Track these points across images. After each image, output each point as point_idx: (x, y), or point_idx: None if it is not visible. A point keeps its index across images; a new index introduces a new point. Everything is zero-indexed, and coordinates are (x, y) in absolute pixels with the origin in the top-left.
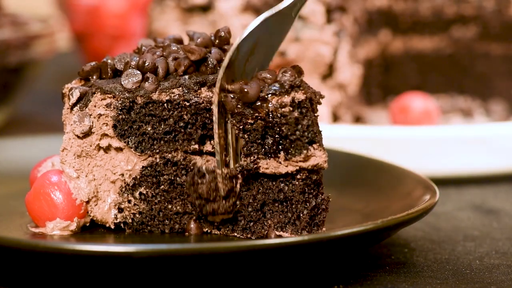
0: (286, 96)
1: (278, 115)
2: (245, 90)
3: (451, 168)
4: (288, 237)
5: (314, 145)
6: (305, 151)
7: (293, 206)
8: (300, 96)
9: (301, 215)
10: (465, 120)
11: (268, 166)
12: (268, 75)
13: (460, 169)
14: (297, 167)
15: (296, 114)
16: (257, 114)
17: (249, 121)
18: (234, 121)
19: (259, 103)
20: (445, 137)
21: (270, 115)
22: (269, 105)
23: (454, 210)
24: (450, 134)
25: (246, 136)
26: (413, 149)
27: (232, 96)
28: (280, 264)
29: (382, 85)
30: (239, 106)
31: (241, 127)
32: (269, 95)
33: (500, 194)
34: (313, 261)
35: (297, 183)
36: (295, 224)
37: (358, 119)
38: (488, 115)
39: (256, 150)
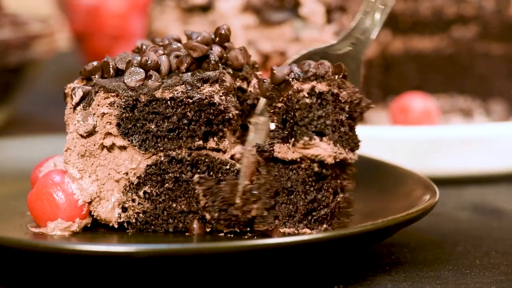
0: (307, 83)
1: (295, 100)
2: (274, 71)
3: (451, 168)
4: (288, 237)
5: (324, 138)
6: (307, 138)
7: (293, 197)
8: (321, 87)
9: (299, 206)
10: (465, 120)
11: (280, 150)
12: (303, 63)
13: (460, 169)
14: (301, 155)
15: (308, 101)
16: (281, 98)
17: (276, 104)
18: (266, 104)
19: (283, 86)
20: (445, 137)
21: (290, 99)
22: (291, 89)
23: (454, 210)
24: (450, 134)
25: (274, 118)
26: (413, 149)
27: (265, 79)
28: (280, 264)
29: (382, 85)
30: (269, 89)
31: (271, 110)
32: (293, 80)
33: (500, 194)
34: (313, 261)
35: (300, 172)
36: (293, 217)
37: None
38: (488, 115)
39: (275, 134)
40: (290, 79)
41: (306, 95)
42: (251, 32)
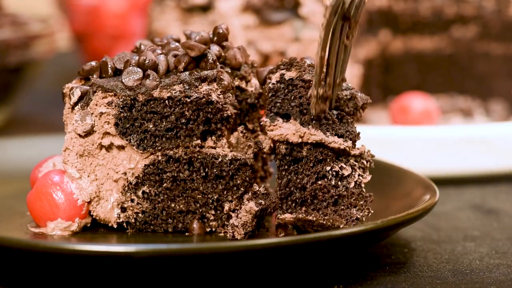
0: (277, 71)
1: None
2: (258, 73)
3: (451, 168)
4: (288, 237)
5: (290, 120)
6: (271, 121)
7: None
8: (290, 74)
9: (278, 190)
10: (465, 120)
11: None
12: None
13: (460, 169)
14: (270, 137)
15: (271, 86)
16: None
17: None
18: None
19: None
20: (445, 137)
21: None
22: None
23: (454, 210)
24: (450, 134)
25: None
26: (413, 149)
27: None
28: (280, 264)
29: (382, 85)
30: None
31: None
32: (268, 74)
33: (500, 194)
34: (313, 261)
35: (276, 156)
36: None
37: (358, 119)
38: (488, 115)
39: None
40: (267, 74)
41: (274, 82)
42: (251, 32)
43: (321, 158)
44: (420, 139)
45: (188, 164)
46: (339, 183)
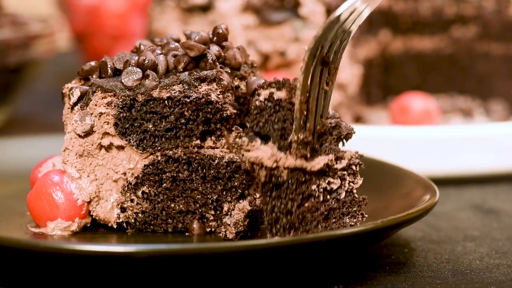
0: (267, 89)
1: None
2: (248, 83)
3: (451, 168)
4: (288, 237)
5: (268, 142)
6: (250, 141)
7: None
8: (280, 94)
9: (265, 216)
10: (465, 120)
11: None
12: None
13: (460, 169)
14: (246, 157)
15: (258, 103)
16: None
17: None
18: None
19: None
20: (445, 137)
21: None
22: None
23: (454, 210)
24: (450, 134)
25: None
26: (413, 149)
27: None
28: (280, 264)
29: (382, 85)
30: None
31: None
32: (258, 88)
33: (500, 194)
34: (313, 261)
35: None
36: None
37: (358, 119)
38: (488, 115)
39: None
40: (257, 87)
41: (262, 99)
42: (251, 32)
43: (303, 179)
44: (420, 139)
45: (187, 164)
46: (328, 197)
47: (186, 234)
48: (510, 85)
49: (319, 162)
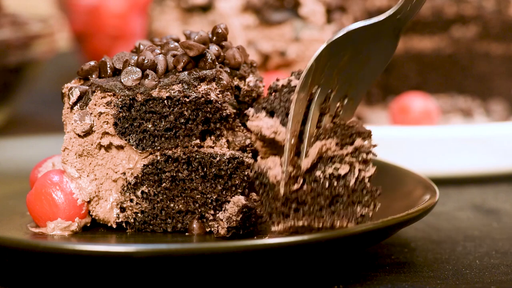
0: (286, 78)
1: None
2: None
3: (451, 168)
4: (288, 237)
5: (273, 116)
6: (253, 111)
7: None
8: (296, 82)
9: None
10: (465, 120)
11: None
12: None
13: (460, 169)
14: (248, 127)
15: (273, 84)
16: None
17: None
18: None
19: None
20: (445, 137)
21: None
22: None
23: (454, 210)
24: (450, 134)
25: None
26: (413, 149)
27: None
28: (280, 264)
29: (382, 85)
30: None
31: None
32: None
33: (500, 194)
34: (313, 261)
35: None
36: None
37: (358, 119)
38: (488, 115)
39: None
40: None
41: (279, 84)
42: (251, 32)
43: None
44: (420, 139)
45: (187, 164)
46: (336, 183)
47: (186, 234)
48: (510, 85)
49: (316, 146)
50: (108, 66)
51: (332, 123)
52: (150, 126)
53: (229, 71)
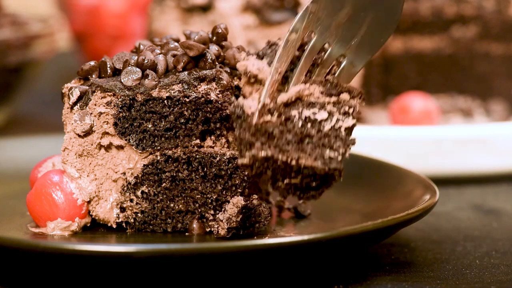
0: None
1: None
2: None
3: (451, 168)
4: (288, 237)
5: (262, 59)
6: (245, 54)
7: None
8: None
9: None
10: (465, 120)
11: None
12: None
13: (460, 169)
14: (237, 67)
15: (272, 39)
16: None
17: None
18: None
19: None
20: (445, 137)
21: None
22: None
23: (454, 210)
24: (450, 134)
25: None
26: (413, 149)
27: None
28: (280, 264)
29: (382, 85)
30: None
31: None
32: None
33: (500, 194)
34: (313, 261)
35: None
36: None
37: (358, 119)
38: (488, 115)
39: None
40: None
41: (277, 40)
42: (251, 32)
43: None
44: (420, 139)
45: (187, 163)
46: (309, 125)
47: (186, 234)
48: (510, 85)
49: (295, 90)
50: (108, 66)
51: (324, 79)
52: (150, 126)
53: (229, 71)
